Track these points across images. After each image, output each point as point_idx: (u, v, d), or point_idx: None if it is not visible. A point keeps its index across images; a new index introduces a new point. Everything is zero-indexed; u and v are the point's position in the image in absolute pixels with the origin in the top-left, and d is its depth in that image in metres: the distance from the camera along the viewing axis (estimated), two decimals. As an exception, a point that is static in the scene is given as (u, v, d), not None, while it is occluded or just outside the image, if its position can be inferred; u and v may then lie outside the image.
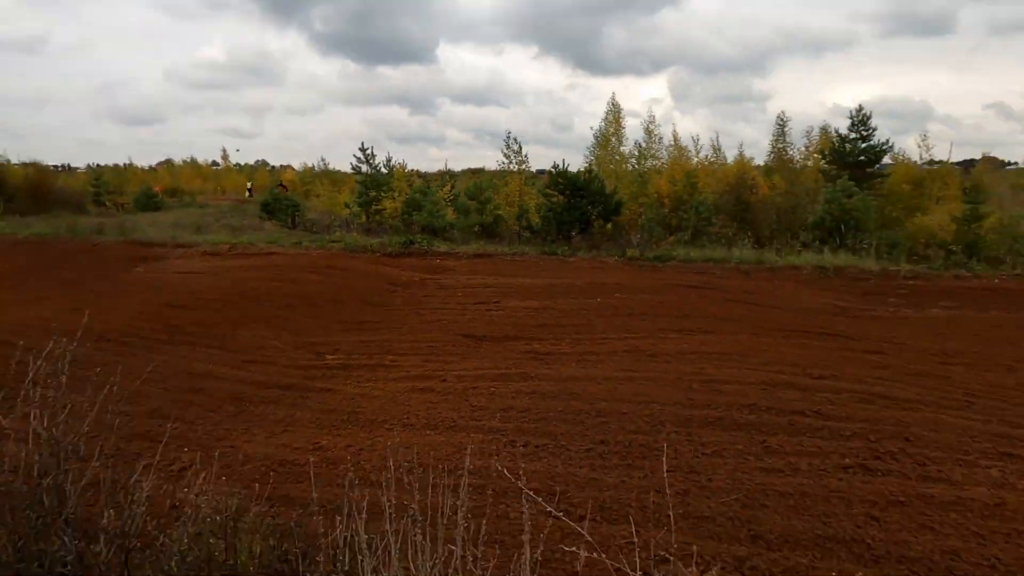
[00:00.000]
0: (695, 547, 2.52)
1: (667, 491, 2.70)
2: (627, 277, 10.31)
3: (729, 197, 17.04)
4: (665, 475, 2.72)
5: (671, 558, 2.24)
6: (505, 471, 2.60)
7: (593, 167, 18.92)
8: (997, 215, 15.02)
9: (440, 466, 2.96)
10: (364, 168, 17.01)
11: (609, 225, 15.27)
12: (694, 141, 25.85)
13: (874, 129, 18.89)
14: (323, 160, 38.54)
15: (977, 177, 29.53)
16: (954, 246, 12.90)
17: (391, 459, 2.31)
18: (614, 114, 20.87)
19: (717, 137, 30.90)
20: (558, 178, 13.30)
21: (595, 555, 1.50)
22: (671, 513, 2.18)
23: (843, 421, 3.84)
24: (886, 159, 20.36)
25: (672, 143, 23.06)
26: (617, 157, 21.41)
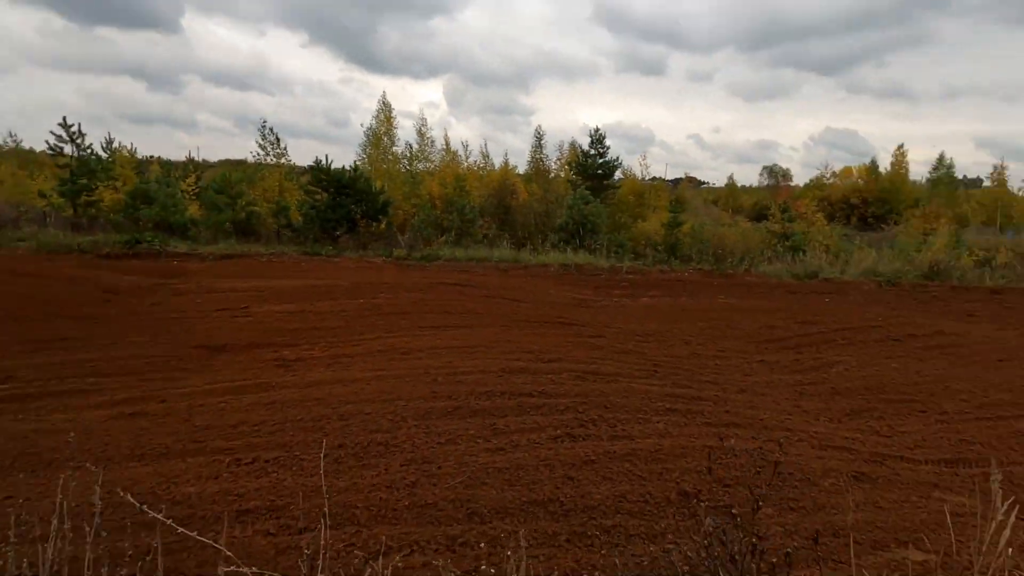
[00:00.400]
0: (414, 536, 2.60)
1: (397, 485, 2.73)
2: (393, 277, 10.31)
3: (493, 201, 18.34)
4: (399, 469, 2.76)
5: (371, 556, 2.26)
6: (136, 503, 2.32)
7: (362, 165, 18.48)
8: (691, 223, 19.03)
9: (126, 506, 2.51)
10: (68, 149, 13.74)
11: (382, 225, 15.12)
12: (464, 146, 27.16)
13: (608, 147, 22.26)
14: (12, 135, 30.03)
15: (680, 193, 36.88)
16: (661, 246, 15.98)
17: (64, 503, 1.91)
18: (385, 113, 20.67)
19: (486, 144, 32.94)
20: (321, 175, 12.64)
21: (234, 568, 1.41)
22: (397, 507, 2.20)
23: (561, 397, 4.39)
24: (618, 174, 24.21)
25: (444, 147, 23.85)
26: (390, 157, 21.24)
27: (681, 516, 2.81)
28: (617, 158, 22.11)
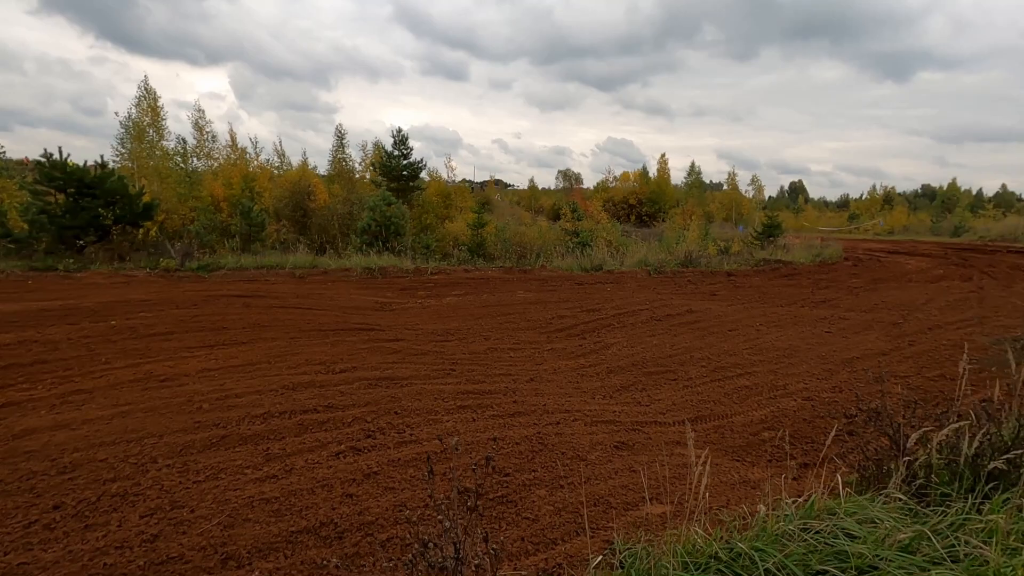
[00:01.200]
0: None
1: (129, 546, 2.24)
2: (160, 292, 8.84)
3: (289, 203, 16.95)
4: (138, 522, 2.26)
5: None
6: None
7: (119, 161, 15.60)
8: (495, 223, 19.89)
9: None
10: None
11: (147, 232, 12.87)
12: (253, 143, 24.61)
13: (412, 149, 22.15)
14: None
15: (486, 194, 38.33)
16: (467, 246, 16.41)
17: None
18: (150, 101, 17.72)
19: (281, 142, 30.33)
20: (54, 172, 10.26)
21: None
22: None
23: (349, 409, 4.15)
24: (425, 175, 24.24)
25: (230, 143, 21.34)
26: (159, 153, 18.32)
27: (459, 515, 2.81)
28: (422, 160, 22.13)
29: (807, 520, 2.14)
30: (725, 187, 47.15)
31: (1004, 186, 53.94)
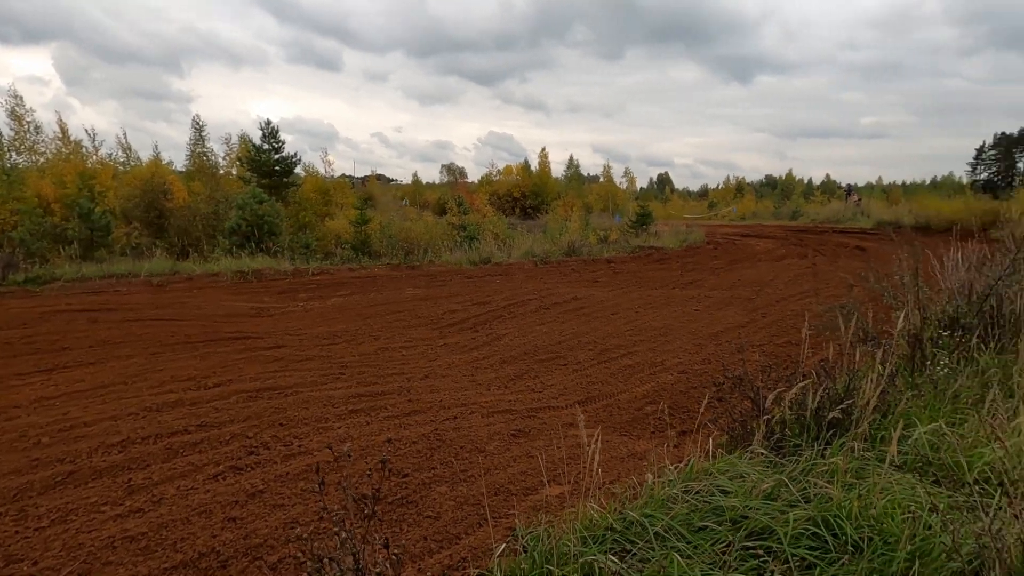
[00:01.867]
0: None
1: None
2: (-24, 311, 7.46)
3: (140, 203, 15.10)
4: None
5: None
6: None
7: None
8: (379, 219, 19.29)
9: None
10: None
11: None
12: (90, 135, 21.55)
13: (283, 142, 20.73)
14: None
15: (368, 190, 37.07)
16: (350, 244, 15.75)
17: None
18: (-55, 85, 14.78)
19: (126, 134, 26.89)
20: None
21: None
22: None
23: (226, 426, 3.80)
24: (300, 171, 22.83)
25: (59, 135, 18.50)
26: (-38, 146, 15.45)
27: (356, 524, 2.70)
28: (296, 154, 20.80)
29: (688, 483, 2.34)
30: (601, 179, 49.83)
31: (828, 176, 62.79)
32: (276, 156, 20.50)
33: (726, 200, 43.17)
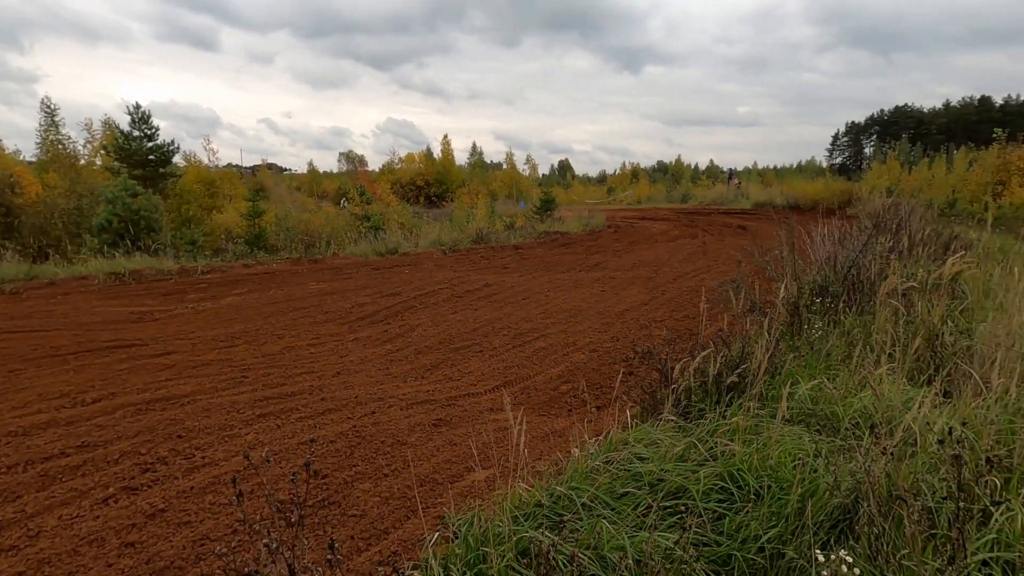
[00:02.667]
0: None
1: None
2: None
3: (-20, 199, 13.03)
4: None
5: None
6: None
7: None
8: (274, 211, 18.14)
9: None
10: None
11: None
12: (-93, 120, 18.23)
13: (157, 128, 18.83)
14: None
15: (259, 180, 34.71)
16: (244, 239, 14.70)
17: None
18: None
19: (-45, 119, 23.06)
20: None
21: None
22: None
23: (113, 444, 3.43)
24: (180, 160, 20.88)
25: None
26: None
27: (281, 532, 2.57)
28: (173, 141, 18.96)
29: (608, 454, 2.46)
30: (505, 166, 50.26)
31: (712, 161, 67.90)
32: (149, 144, 18.60)
33: (623, 185, 45.28)
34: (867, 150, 41.83)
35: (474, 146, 49.55)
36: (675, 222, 22.10)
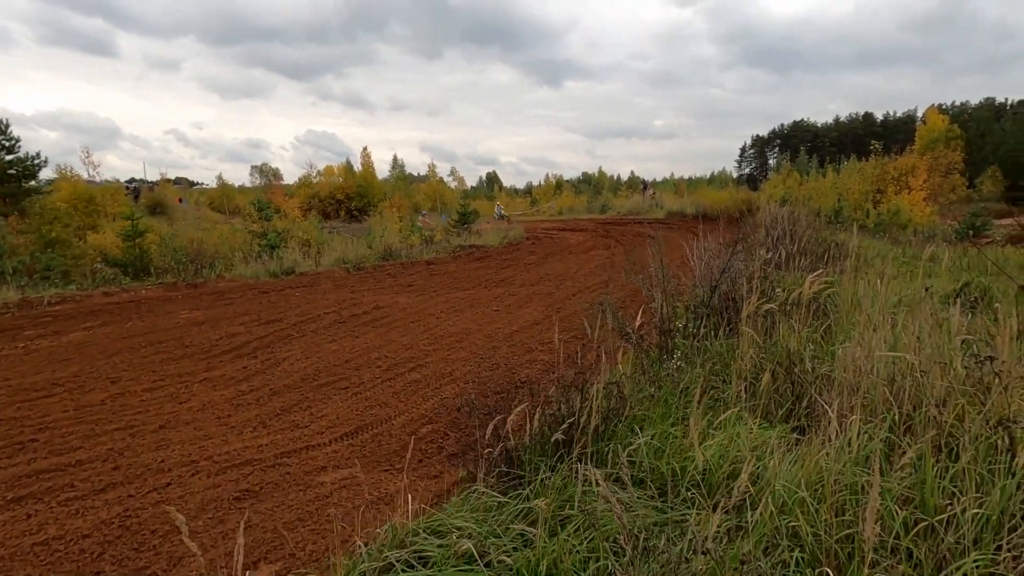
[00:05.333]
0: None
1: None
2: None
3: None
4: None
5: None
6: None
7: None
8: (162, 229, 16.55)
9: None
10: None
11: None
12: None
13: (18, 139, 16.80)
14: None
15: (158, 196, 32.11)
16: (121, 262, 13.18)
17: None
18: None
19: None
20: None
21: None
22: None
23: None
24: (51, 174, 18.76)
25: None
26: None
27: None
28: (38, 154, 16.93)
29: (391, 552, 1.93)
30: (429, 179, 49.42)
31: (632, 172, 70.19)
32: (9, 156, 16.50)
33: (547, 196, 45.71)
34: (771, 161, 44.64)
35: (395, 158, 48.47)
36: (593, 232, 22.25)
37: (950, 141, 27.34)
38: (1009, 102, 58.74)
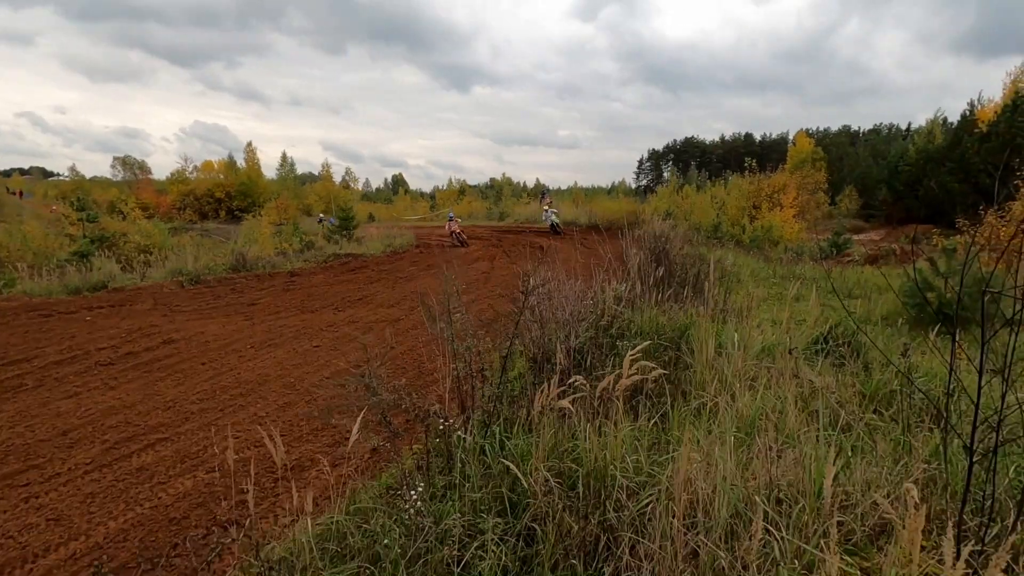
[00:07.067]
0: None
1: None
2: None
3: None
4: None
5: None
6: None
7: None
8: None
9: None
10: None
11: None
12: None
13: None
14: None
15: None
16: None
17: None
18: None
19: None
20: None
21: None
22: None
23: None
24: None
25: None
26: None
27: None
28: None
29: None
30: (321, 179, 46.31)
31: (538, 179, 70.62)
32: None
33: (449, 201, 44.37)
34: (665, 174, 46.41)
35: (283, 156, 44.95)
36: (486, 241, 21.21)
37: (815, 162, 29.43)
38: (861, 130, 66.05)
